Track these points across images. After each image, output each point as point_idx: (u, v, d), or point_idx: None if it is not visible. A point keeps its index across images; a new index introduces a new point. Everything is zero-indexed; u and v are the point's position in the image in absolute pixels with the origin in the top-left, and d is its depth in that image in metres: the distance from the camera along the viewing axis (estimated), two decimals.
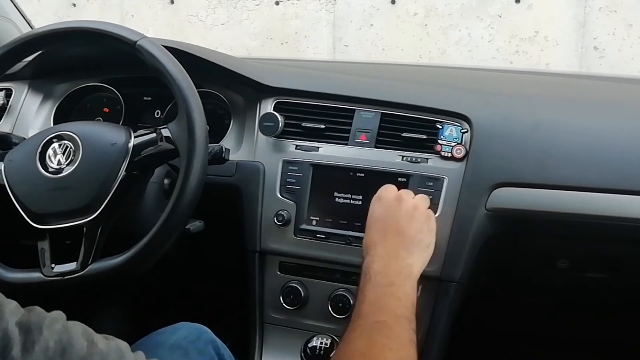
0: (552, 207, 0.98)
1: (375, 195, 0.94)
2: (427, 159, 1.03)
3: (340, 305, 1.04)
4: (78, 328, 0.53)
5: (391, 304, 0.77)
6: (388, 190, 0.94)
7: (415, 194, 1.01)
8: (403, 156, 1.04)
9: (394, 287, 0.80)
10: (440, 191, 1.01)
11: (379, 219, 0.90)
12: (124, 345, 0.56)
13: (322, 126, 1.09)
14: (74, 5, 4.08)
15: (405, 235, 0.87)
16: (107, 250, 0.91)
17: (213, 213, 1.01)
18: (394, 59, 3.52)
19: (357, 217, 1.03)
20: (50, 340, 0.49)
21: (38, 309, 0.52)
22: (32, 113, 1.26)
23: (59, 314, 0.53)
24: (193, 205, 0.89)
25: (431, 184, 1.01)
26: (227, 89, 1.19)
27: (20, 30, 1.55)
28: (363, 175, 1.05)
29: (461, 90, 1.16)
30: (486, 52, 3.37)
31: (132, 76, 1.25)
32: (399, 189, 0.95)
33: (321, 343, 1.03)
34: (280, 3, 3.70)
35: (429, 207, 0.96)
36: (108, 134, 0.95)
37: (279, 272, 1.09)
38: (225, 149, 1.00)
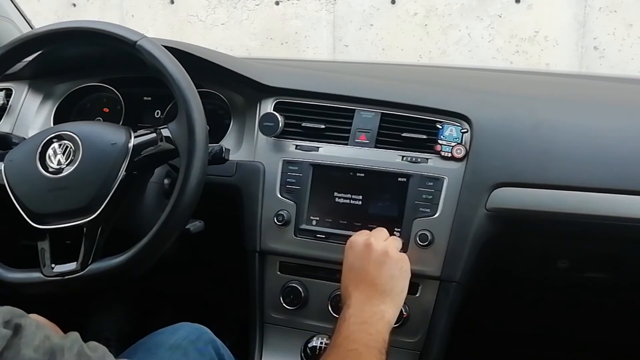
0: (552, 207, 0.98)
1: (348, 241, 0.95)
2: (427, 159, 1.03)
3: (340, 305, 1.04)
4: (100, 350, 0.56)
5: (363, 337, 0.81)
6: (359, 236, 0.95)
7: (416, 193, 1.01)
8: (403, 156, 1.04)
9: (367, 325, 0.83)
10: (440, 191, 1.01)
11: (351, 268, 0.92)
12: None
13: (322, 126, 1.09)
14: (74, 5, 4.08)
15: (377, 284, 0.88)
16: (107, 250, 0.91)
17: (213, 213, 1.01)
18: (394, 59, 3.52)
19: (357, 217, 1.03)
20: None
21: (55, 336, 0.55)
22: (32, 113, 1.26)
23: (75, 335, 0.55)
24: (193, 205, 0.89)
25: (431, 184, 1.01)
26: (227, 89, 1.19)
27: (20, 30, 1.55)
28: (363, 175, 1.05)
29: (461, 90, 1.16)
30: (486, 52, 3.38)
31: (132, 76, 1.25)
32: (379, 230, 0.97)
33: (321, 343, 1.03)
34: (280, 3, 3.70)
35: (402, 250, 0.98)
36: (108, 134, 0.95)
37: (279, 272, 1.09)
38: (225, 149, 1.00)
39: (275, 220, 1.06)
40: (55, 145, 0.93)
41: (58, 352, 0.51)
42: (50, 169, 0.92)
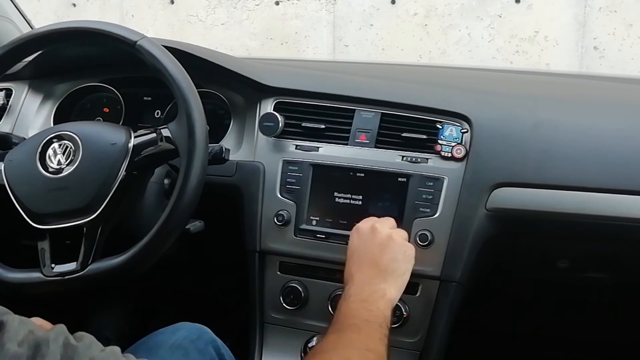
0: (552, 207, 0.98)
1: (354, 227, 0.97)
2: (427, 159, 1.03)
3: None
4: (86, 339, 0.55)
5: (363, 314, 0.82)
6: (365, 222, 0.96)
7: (416, 193, 1.01)
8: (403, 156, 1.04)
9: (367, 303, 0.84)
10: (440, 191, 1.01)
11: (355, 250, 0.93)
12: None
13: (322, 126, 1.09)
14: (74, 5, 4.08)
15: (379, 265, 0.90)
16: (107, 250, 0.91)
17: (213, 213, 1.01)
18: (394, 59, 3.52)
19: (357, 217, 1.03)
20: (57, 353, 0.51)
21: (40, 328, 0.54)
22: (32, 113, 1.26)
23: (61, 328, 0.55)
24: (193, 206, 0.89)
25: (431, 184, 1.01)
26: (227, 89, 1.19)
27: (20, 30, 1.55)
28: (363, 175, 1.05)
29: (461, 90, 1.16)
30: (486, 52, 3.38)
31: (132, 76, 1.25)
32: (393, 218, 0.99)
33: None
34: (280, 3, 3.70)
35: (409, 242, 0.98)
36: (108, 134, 0.95)
37: (279, 272, 1.09)
38: (225, 149, 1.00)
39: (275, 220, 1.06)
40: (55, 145, 0.93)
41: (43, 345, 0.51)
42: (50, 169, 0.92)
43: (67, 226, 0.90)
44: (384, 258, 0.90)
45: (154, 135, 0.94)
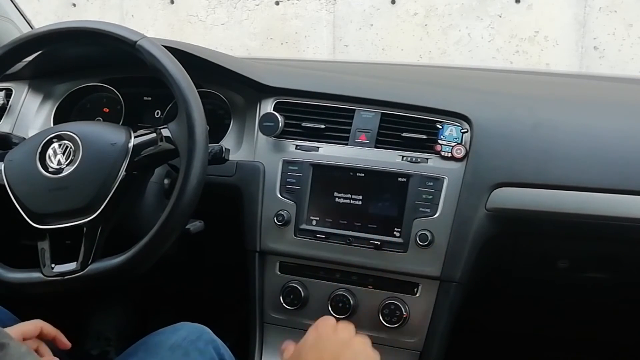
0: (552, 207, 0.98)
1: (314, 324, 0.85)
2: (427, 159, 1.03)
3: (340, 305, 1.04)
4: None
5: None
6: (325, 321, 0.85)
7: (416, 193, 1.01)
8: (403, 156, 1.04)
9: None
10: (440, 191, 1.01)
11: (312, 346, 0.81)
12: None
13: (322, 126, 1.09)
14: (74, 5, 4.08)
15: None
16: (107, 250, 0.91)
17: (213, 213, 1.01)
18: (394, 59, 3.52)
19: (357, 217, 1.03)
20: None
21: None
22: (32, 113, 1.26)
23: None
24: (193, 206, 0.89)
25: (431, 184, 1.01)
26: (227, 89, 1.19)
27: (20, 30, 1.55)
28: (363, 175, 1.05)
29: (461, 90, 1.16)
30: (486, 52, 3.38)
31: (132, 76, 1.25)
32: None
33: None
34: (280, 3, 3.70)
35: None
36: (108, 134, 0.95)
37: (279, 272, 1.09)
38: (225, 149, 1.00)
39: (275, 220, 1.06)
40: (55, 145, 0.93)
41: None
42: (50, 169, 0.92)
43: (67, 226, 0.90)
44: (346, 355, 0.78)
45: (154, 135, 0.94)
